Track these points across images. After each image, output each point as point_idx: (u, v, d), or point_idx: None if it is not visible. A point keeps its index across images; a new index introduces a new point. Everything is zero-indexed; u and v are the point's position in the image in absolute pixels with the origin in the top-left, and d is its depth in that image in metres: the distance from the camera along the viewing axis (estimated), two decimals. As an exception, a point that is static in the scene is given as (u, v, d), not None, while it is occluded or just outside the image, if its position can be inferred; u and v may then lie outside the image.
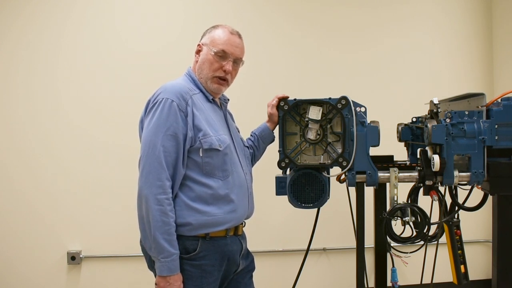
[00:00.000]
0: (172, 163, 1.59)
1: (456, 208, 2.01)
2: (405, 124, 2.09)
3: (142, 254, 1.72)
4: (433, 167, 1.80)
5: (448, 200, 1.99)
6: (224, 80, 1.76)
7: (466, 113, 1.82)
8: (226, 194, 1.68)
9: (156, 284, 1.60)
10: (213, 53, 1.72)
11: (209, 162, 1.65)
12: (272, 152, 2.07)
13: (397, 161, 2.09)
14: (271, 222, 3.13)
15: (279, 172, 1.96)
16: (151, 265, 1.66)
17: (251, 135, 2.05)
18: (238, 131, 1.96)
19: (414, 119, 2.06)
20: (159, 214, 1.55)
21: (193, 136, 1.63)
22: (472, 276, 2.15)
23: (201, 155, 1.64)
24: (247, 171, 1.83)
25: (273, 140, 2.05)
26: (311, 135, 1.88)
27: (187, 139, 1.62)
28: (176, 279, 1.58)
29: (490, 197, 1.95)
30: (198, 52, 1.79)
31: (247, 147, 1.97)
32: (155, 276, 1.62)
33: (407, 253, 1.97)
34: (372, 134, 1.86)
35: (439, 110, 1.90)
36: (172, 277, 1.57)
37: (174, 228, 1.58)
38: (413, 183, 1.99)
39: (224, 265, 1.71)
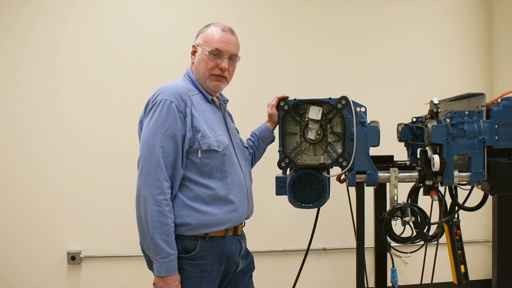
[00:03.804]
0: (170, 164, 1.59)
1: (456, 208, 2.00)
2: (405, 124, 2.09)
3: (142, 254, 1.72)
4: (433, 167, 1.80)
5: (448, 200, 1.99)
6: (222, 77, 1.76)
7: (466, 113, 1.82)
8: (225, 194, 1.68)
9: (154, 284, 1.60)
10: (208, 53, 1.72)
11: (208, 163, 1.65)
12: (272, 152, 2.07)
13: (397, 161, 2.09)
14: (271, 222, 3.13)
15: (279, 172, 1.96)
16: (151, 265, 1.66)
17: (251, 135, 2.05)
18: (237, 132, 1.96)
19: (414, 119, 2.06)
20: (157, 215, 1.55)
21: (191, 137, 1.63)
22: (472, 276, 2.15)
23: (199, 156, 1.64)
24: (246, 171, 1.83)
25: (273, 140, 2.05)
26: (311, 135, 1.88)
27: (186, 140, 1.62)
28: (174, 279, 1.58)
29: (490, 197, 1.95)
30: (193, 53, 1.79)
31: (247, 147, 1.97)
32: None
33: (407, 253, 1.97)
34: (372, 134, 1.86)
35: (439, 110, 1.90)
36: (170, 278, 1.57)
37: (172, 229, 1.58)
38: (413, 183, 1.99)
39: (224, 264, 1.71)
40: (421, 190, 1.97)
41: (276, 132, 1.97)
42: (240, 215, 1.74)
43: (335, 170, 1.93)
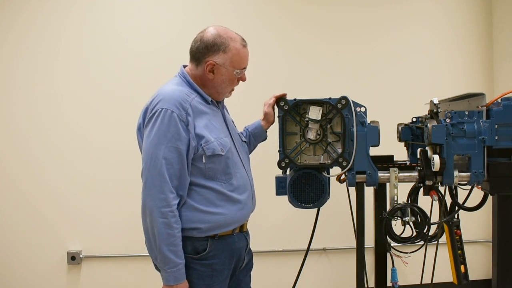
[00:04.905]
0: (175, 175, 1.58)
1: (456, 208, 2.00)
2: (405, 124, 2.08)
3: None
4: (433, 167, 1.80)
5: (448, 200, 1.99)
6: None
7: (466, 113, 1.82)
8: (231, 195, 1.68)
9: None
10: (236, 74, 1.71)
11: (212, 167, 1.65)
12: (272, 152, 2.07)
13: (397, 161, 2.09)
14: (271, 222, 3.13)
15: (279, 172, 1.96)
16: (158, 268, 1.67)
17: (244, 130, 2.04)
18: (234, 124, 1.94)
19: (414, 119, 2.06)
20: (163, 227, 1.55)
21: (196, 145, 1.61)
22: (472, 276, 2.15)
23: (204, 161, 1.63)
24: (248, 168, 1.84)
25: (265, 139, 2.04)
26: (311, 135, 1.87)
27: (190, 149, 1.60)
28: (183, 286, 1.59)
29: (490, 197, 1.95)
30: (211, 71, 1.68)
31: (245, 141, 1.96)
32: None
33: (407, 253, 1.97)
34: (372, 134, 1.86)
35: (439, 110, 1.90)
36: (178, 286, 1.58)
37: (179, 239, 1.58)
38: (413, 183, 1.98)
39: (233, 262, 1.73)
40: (421, 190, 1.97)
41: (276, 132, 1.96)
42: (247, 213, 1.76)
43: (335, 170, 1.93)
